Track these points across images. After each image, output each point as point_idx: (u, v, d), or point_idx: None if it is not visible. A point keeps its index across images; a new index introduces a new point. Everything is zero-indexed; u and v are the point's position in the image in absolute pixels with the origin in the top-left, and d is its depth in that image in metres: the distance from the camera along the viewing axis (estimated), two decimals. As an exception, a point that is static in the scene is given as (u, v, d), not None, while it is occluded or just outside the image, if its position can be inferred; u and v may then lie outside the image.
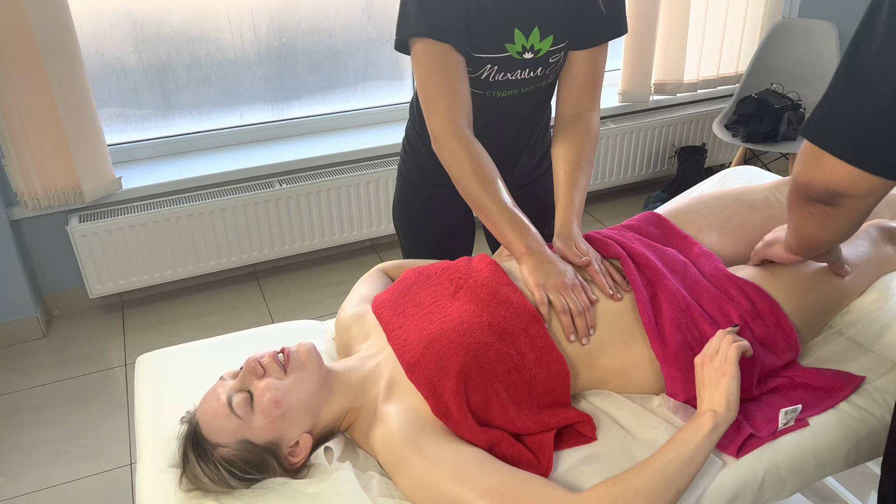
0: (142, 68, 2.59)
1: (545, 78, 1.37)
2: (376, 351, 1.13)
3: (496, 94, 1.36)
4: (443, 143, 1.27)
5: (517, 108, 1.42)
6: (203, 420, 1.01)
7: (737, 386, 1.00)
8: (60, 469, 1.99)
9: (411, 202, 1.57)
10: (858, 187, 0.83)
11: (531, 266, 1.19)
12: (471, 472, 0.93)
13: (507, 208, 1.24)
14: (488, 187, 1.25)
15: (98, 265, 2.51)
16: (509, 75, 1.33)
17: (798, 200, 0.94)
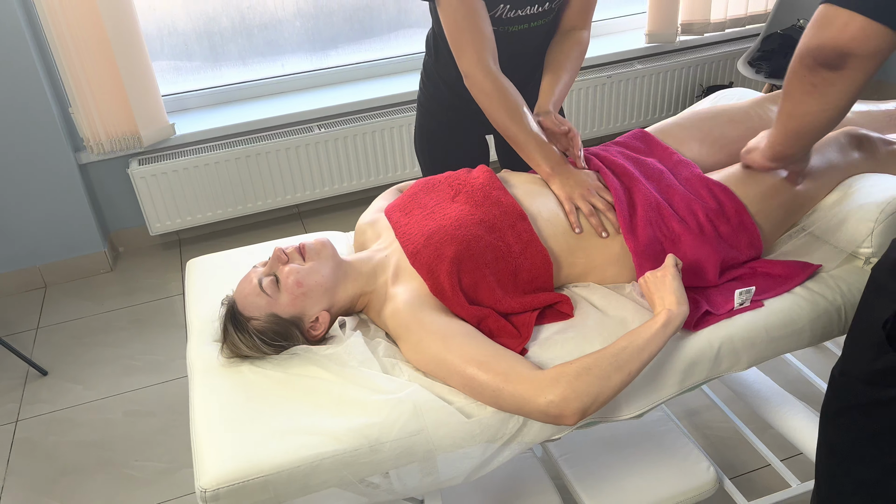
0: (190, 23, 2.79)
1: (551, 12, 1.51)
2: (385, 245, 1.32)
3: (509, 28, 1.50)
4: (474, 81, 1.43)
5: (530, 40, 1.56)
6: (239, 298, 1.22)
7: (679, 282, 1.14)
8: (129, 379, 2.26)
9: (430, 129, 1.73)
10: (868, 44, 0.90)
11: (559, 183, 1.36)
12: (456, 342, 1.11)
13: (533, 134, 1.41)
14: (515, 117, 1.42)
15: (157, 205, 2.76)
16: (520, 11, 1.46)
17: (801, 71, 1.01)
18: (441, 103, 1.69)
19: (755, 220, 1.32)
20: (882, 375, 0.94)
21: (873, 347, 0.94)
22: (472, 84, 1.44)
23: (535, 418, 1.06)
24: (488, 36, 1.42)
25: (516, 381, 1.05)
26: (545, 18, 1.52)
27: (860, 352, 0.98)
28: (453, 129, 1.69)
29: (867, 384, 0.97)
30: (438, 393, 1.11)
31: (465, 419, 1.08)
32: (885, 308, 0.92)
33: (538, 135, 1.41)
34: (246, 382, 1.16)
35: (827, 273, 1.30)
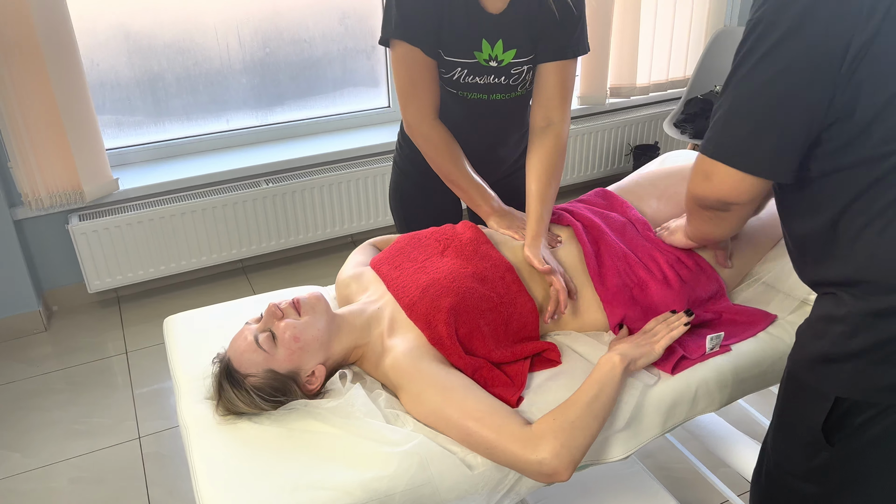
0: (134, 78, 2.77)
1: (512, 89, 1.57)
2: (376, 298, 1.35)
3: (467, 95, 1.56)
4: (417, 130, 1.56)
5: (489, 113, 1.61)
6: (234, 356, 1.22)
7: (648, 360, 1.26)
8: (74, 444, 2.15)
9: (405, 190, 1.79)
10: (746, 194, 0.97)
11: (496, 219, 1.53)
12: (455, 395, 1.15)
13: (473, 179, 1.57)
14: (457, 163, 1.57)
15: (97, 261, 2.67)
16: (478, 79, 1.54)
17: (695, 208, 1.10)
18: (417, 167, 1.73)
19: (710, 264, 1.44)
20: (822, 472, 1.01)
21: (809, 446, 1.00)
22: (416, 133, 1.56)
23: (529, 475, 1.10)
24: (432, 91, 1.53)
25: (509, 439, 1.09)
26: (504, 94, 1.57)
27: (794, 450, 1.04)
28: (427, 190, 1.75)
29: (807, 481, 1.04)
30: (442, 443, 1.14)
31: (469, 471, 1.12)
32: (816, 408, 0.98)
33: (477, 179, 1.58)
34: (247, 438, 1.16)
35: (783, 319, 1.43)
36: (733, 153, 0.95)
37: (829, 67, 0.87)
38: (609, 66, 3.37)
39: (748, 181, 0.96)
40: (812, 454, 1.01)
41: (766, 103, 0.91)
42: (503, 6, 1.46)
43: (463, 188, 1.57)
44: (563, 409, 1.13)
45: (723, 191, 0.99)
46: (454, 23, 1.45)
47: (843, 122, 0.89)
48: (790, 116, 0.90)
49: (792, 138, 0.92)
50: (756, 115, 0.92)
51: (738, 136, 0.94)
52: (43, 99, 2.38)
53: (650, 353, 1.26)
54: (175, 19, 2.74)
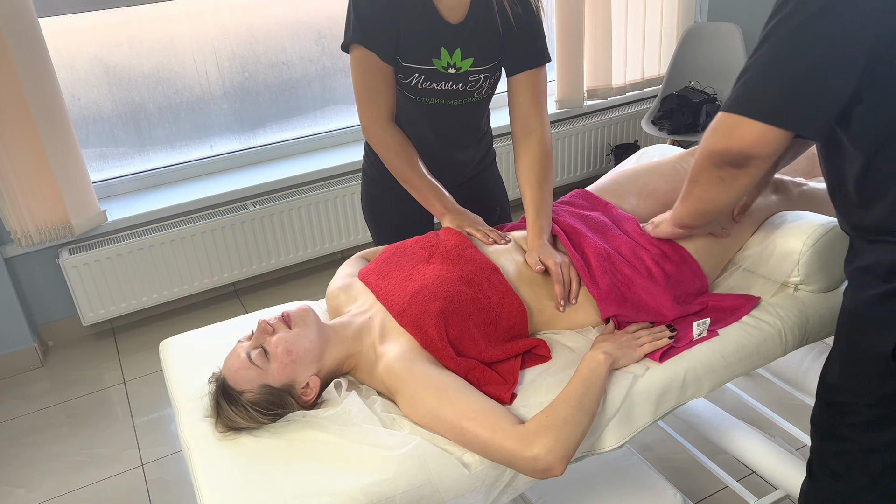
0: (116, 110, 2.80)
1: (469, 94, 1.61)
2: (366, 308, 1.38)
3: (425, 100, 1.61)
4: (372, 133, 1.60)
5: (446, 117, 1.65)
6: (228, 374, 1.24)
7: (629, 361, 1.30)
8: (77, 476, 2.16)
9: (373, 195, 1.82)
10: (769, 147, 1.00)
11: (450, 218, 1.56)
12: (449, 396, 1.18)
13: (427, 179, 1.61)
14: (411, 164, 1.60)
15: (89, 294, 2.69)
16: (435, 85, 1.58)
17: (709, 167, 1.12)
18: (384, 171, 1.76)
19: (694, 258, 1.47)
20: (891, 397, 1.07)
21: (879, 375, 1.06)
22: (371, 135, 1.60)
23: (524, 472, 1.12)
24: (388, 96, 1.57)
25: (503, 437, 1.12)
26: (461, 99, 1.62)
27: (861, 382, 1.10)
28: (397, 193, 1.77)
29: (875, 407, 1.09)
30: (439, 444, 1.16)
31: (466, 470, 1.14)
32: (883, 338, 1.03)
33: (432, 180, 1.61)
34: (248, 452, 1.18)
35: (766, 302, 1.46)
36: (765, 108, 0.98)
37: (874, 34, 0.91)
38: (584, 69, 3.42)
39: (774, 133, 0.99)
40: (882, 382, 1.06)
41: (808, 63, 0.94)
42: (462, 17, 1.50)
43: (417, 188, 1.60)
44: (554, 406, 1.16)
45: (746, 143, 1.02)
46: (413, 30, 1.50)
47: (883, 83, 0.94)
48: (830, 77, 0.94)
49: (830, 98, 0.96)
50: (794, 73, 0.96)
51: (772, 91, 0.98)
52: (26, 137, 2.40)
53: (631, 355, 1.30)
54: (152, 49, 2.77)
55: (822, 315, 1.47)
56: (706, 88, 3.36)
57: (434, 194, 1.59)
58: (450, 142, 1.71)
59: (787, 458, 1.68)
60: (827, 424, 1.20)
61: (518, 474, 1.17)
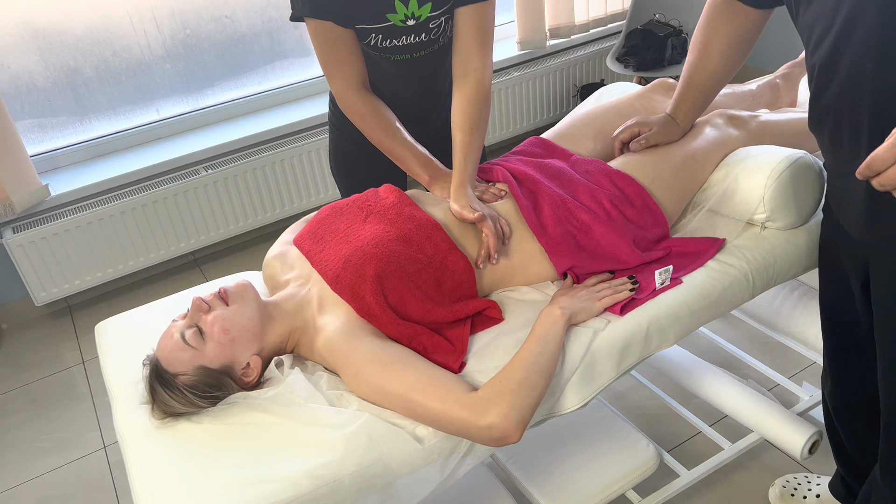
0: (50, 77, 2.64)
1: (434, 42, 1.50)
2: (304, 279, 1.29)
3: (391, 57, 1.50)
4: (345, 103, 1.48)
5: (417, 70, 1.55)
6: (162, 356, 1.16)
7: (588, 315, 1.23)
8: (37, 462, 2.09)
9: (344, 149, 1.72)
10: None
11: (439, 188, 1.43)
12: (394, 369, 1.10)
13: (410, 146, 1.48)
14: (389, 131, 1.48)
15: (39, 273, 2.57)
16: (396, 42, 1.46)
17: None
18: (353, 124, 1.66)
19: (656, 199, 1.39)
20: None
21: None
22: (345, 106, 1.50)
23: (479, 441, 1.06)
24: (354, 61, 1.46)
25: (455, 407, 1.05)
26: (429, 48, 1.51)
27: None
28: (368, 147, 1.67)
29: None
30: (389, 419, 1.09)
31: (419, 444, 1.08)
32: None
33: (414, 146, 1.49)
34: (186, 440, 1.10)
35: (731, 244, 1.39)
36: None
37: None
38: (545, 7, 3.28)
39: None
40: None
41: None
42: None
43: (399, 157, 1.49)
44: (508, 370, 1.09)
45: None
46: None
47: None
48: None
49: None
50: None
51: None
52: (-49, 110, 2.25)
53: (590, 308, 1.23)
54: (83, 9, 2.59)
55: (790, 254, 1.41)
56: (671, 21, 3.23)
57: (419, 162, 1.47)
58: (426, 92, 1.62)
59: (761, 400, 1.64)
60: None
61: (475, 444, 1.11)
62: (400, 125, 1.50)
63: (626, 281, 1.28)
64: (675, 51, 3.10)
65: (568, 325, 1.19)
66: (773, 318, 1.82)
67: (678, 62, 3.11)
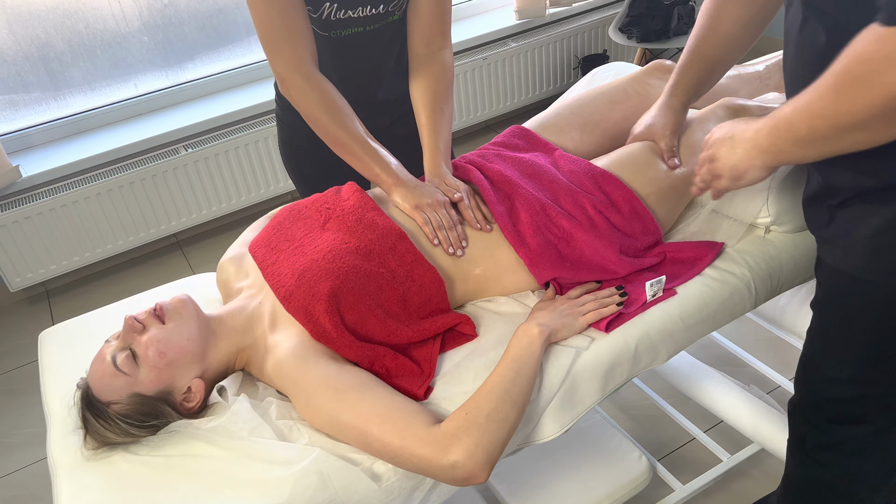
0: (20, 51, 2.50)
1: (389, 14, 1.35)
2: (256, 290, 1.17)
3: (340, 32, 1.33)
4: (292, 85, 1.28)
5: (366, 46, 1.39)
6: (93, 382, 1.05)
7: (570, 333, 1.11)
8: (5, 460, 2.01)
9: (293, 143, 1.56)
10: None
11: (403, 193, 1.25)
12: (350, 397, 0.99)
13: (367, 144, 1.29)
14: (345, 124, 1.28)
15: (13, 258, 2.47)
16: (350, 13, 1.30)
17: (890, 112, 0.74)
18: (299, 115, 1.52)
19: (647, 204, 1.25)
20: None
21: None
22: (290, 88, 1.29)
23: (442, 481, 0.96)
24: (306, 34, 1.27)
25: (415, 443, 0.94)
26: (383, 21, 1.36)
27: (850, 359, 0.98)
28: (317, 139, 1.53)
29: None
30: (343, 453, 0.98)
31: (375, 483, 0.97)
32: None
33: (372, 144, 1.29)
34: (120, 474, 1.00)
35: (731, 249, 1.26)
36: None
37: None
38: (545, -27, 3.10)
39: None
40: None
41: None
42: None
43: (356, 154, 1.28)
44: (476, 400, 0.98)
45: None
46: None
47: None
48: None
49: None
50: None
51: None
52: None
53: (572, 325, 1.11)
54: (51, -22, 2.45)
55: (797, 259, 1.28)
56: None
57: (377, 162, 1.27)
58: (369, 78, 1.45)
59: (763, 409, 1.53)
60: None
61: (439, 482, 1.00)
62: (356, 118, 1.31)
63: (614, 292, 1.16)
64: (681, 21, 2.93)
65: (546, 344, 1.08)
66: (778, 315, 1.70)
67: (684, 33, 2.93)
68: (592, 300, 1.15)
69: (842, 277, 0.97)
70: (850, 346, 1.01)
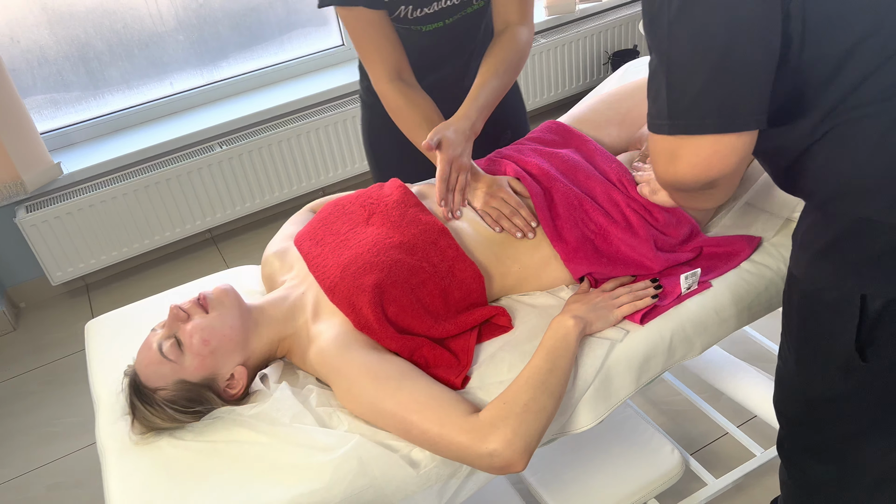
0: (61, 51, 2.56)
1: (467, 5, 1.38)
2: (299, 281, 1.20)
3: (421, 28, 1.39)
4: (383, 96, 1.37)
5: (450, 38, 1.44)
6: (140, 369, 1.08)
7: (604, 325, 1.12)
8: (48, 448, 2.07)
9: (376, 125, 1.61)
10: (730, 161, 0.78)
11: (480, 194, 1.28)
12: (390, 386, 1.01)
13: None
14: (421, 128, 1.33)
15: (54, 252, 2.54)
16: (426, 9, 1.34)
17: (676, 193, 0.89)
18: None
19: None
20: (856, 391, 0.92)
21: (840, 369, 0.90)
22: (383, 99, 1.38)
23: (480, 469, 0.97)
24: (390, 47, 1.34)
25: (454, 431, 0.96)
26: (461, 12, 1.39)
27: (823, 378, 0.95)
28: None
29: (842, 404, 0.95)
30: (382, 440, 1.01)
31: (413, 470, 0.99)
32: (843, 328, 0.87)
33: None
34: (166, 459, 1.03)
35: (767, 242, 1.26)
36: (694, 117, 0.76)
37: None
38: (575, -31, 3.10)
39: (726, 143, 0.76)
40: (845, 376, 0.91)
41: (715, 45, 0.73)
42: None
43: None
44: (514, 390, 0.99)
45: (700, 168, 0.79)
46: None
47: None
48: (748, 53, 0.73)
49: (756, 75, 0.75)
50: (706, 62, 0.74)
51: (689, 95, 0.75)
52: (-42, 88, 2.20)
53: (607, 317, 1.12)
54: (91, -20, 2.51)
55: (834, 252, 1.27)
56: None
57: None
58: (455, 68, 1.51)
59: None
60: None
61: (476, 469, 1.02)
62: (438, 119, 1.35)
63: (649, 285, 1.16)
64: (714, 15, 2.90)
65: (582, 335, 1.09)
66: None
67: (717, 27, 2.91)
68: (627, 293, 1.15)
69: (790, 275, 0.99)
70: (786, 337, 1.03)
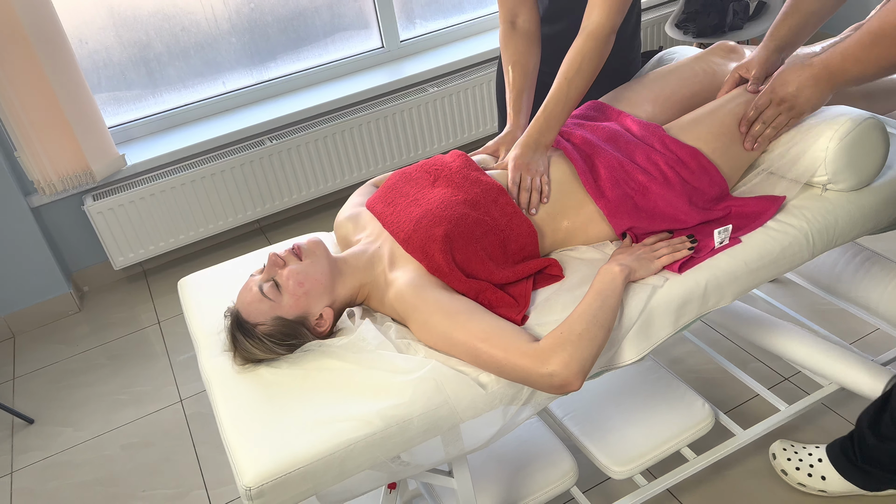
0: (125, 52, 2.76)
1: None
2: (374, 238, 1.36)
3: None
4: (499, 33, 1.65)
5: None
6: (242, 307, 1.24)
7: (646, 273, 1.28)
8: (118, 414, 2.24)
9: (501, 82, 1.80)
10: None
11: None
12: (461, 319, 1.17)
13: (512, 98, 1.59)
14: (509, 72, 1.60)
15: (117, 239, 2.72)
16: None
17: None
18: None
19: (711, 160, 1.41)
20: None
21: None
22: (499, 34, 1.65)
23: (541, 389, 1.12)
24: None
25: (517, 355, 1.10)
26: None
27: None
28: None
29: None
30: (454, 365, 1.16)
31: (483, 389, 1.14)
32: None
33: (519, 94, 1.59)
34: (266, 383, 1.19)
35: (790, 203, 1.40)
36: None
37: None
38: (603, -26, 3.25)
39: None
40: None
41: None
42: None
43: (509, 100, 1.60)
44: (569, 322, 1.14)
45: None
46: None
47: None
48: None
49: None
50: None
51: None
52: (38, 84, 2.39)
53: (649, 267, 1.27)
54: (155, -14, 2.70)
55: (852, 214, 1.40)
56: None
57: (513, 107, 1.58)
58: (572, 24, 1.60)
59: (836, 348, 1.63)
60: None
61: (536, 391, 1.17)
62: (531, 73, 1.60)
63: (685, 240, 1.31)
64: (736, 16, 3.05)
65: (627, 281, 1.23)
66: (833, 282, 1.81)
67: (739, 28, 3.05)
68: (666, 246, 1.30)
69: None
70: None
